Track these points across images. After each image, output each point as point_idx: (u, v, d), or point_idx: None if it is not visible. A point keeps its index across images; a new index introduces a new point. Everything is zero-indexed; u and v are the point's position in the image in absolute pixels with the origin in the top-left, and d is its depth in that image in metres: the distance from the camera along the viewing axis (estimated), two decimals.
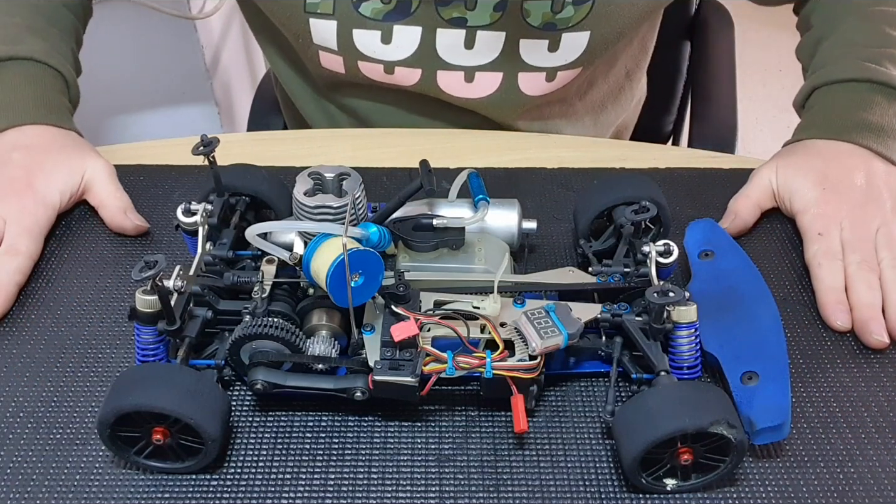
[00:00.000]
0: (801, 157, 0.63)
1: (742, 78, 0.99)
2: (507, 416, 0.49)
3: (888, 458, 0.47)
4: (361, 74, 0.75)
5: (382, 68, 0.74)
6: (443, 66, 0.73)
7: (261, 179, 0.57)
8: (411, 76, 0.74)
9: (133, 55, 1.28)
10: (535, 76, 0.74)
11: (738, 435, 0.42)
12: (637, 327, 0.48)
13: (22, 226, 0.58)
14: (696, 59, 1.02)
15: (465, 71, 0.73)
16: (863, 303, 0.54)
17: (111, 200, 0.61)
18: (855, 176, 0.60)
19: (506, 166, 0.69)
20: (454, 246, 0.52)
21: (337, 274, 0.44)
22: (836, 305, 0.55)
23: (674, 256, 0.51)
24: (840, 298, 0.55)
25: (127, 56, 1.28)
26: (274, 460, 0.47)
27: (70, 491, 0.45)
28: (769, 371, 0.48)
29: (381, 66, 0.74)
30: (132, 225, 0.61)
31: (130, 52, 1.27)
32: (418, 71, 0.74)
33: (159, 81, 1.32)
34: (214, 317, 0.49)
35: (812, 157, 0.62)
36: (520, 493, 0.45)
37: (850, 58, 0.66)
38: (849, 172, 0.60)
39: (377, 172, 0.68)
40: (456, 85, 0.74)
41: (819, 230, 0.58)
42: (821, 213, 0.59)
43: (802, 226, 0.60)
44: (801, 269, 0.59)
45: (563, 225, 0.63)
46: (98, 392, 0.50)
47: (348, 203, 0.47)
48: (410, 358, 0.45)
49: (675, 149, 1.02)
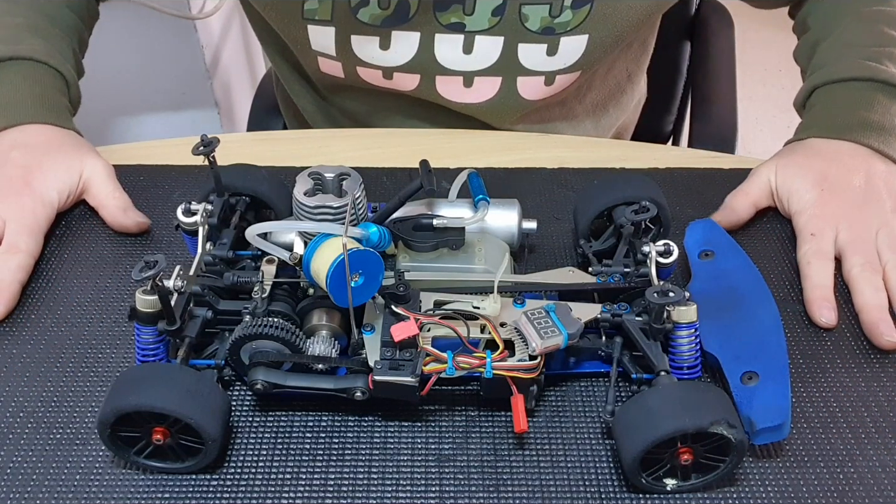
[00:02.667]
0: (801, 156, 0.63)
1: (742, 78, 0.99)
2: (507, 416, 0.49)
3: (888, 458, 0.47)
4: (361, 79, 0.75)
5: (381, 74, 0.74)
6: (441, 71, 0.73)
7: (261, 179, 0.57)
8: (410, 81, 0.74)
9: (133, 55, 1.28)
10: (534, 80, 0.74)
11: (738, 435, 0.42)
12: (637, 327, 0.48)
13: (22, 224, 0.58)
14: (696, 59, 1.02)
15: (464, 76, 0.73)
16: (870, 304, 0.54)
17: (110, 200, 0.61)
18: (854, 176, 0.60)
19: (506, 166, 0.69)
20: (454, 246, 0.52)
21: (337, 274, 0.44)
22: (822, 301, 0.55)
23: (674, 256, 0.51)
24: (826, 295, 0.55)
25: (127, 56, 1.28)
26: (274, 460, 0.47)
27: (70, 491, 0.45)
28: (769, 371, 0.48)
29: (379, 71, 0.74)
30: (133, 223, 0.61)
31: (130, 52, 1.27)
32: (417, 76, 0.74)
33: (159, 82, 1.32)
34: (214, 317, 0.49)
35: (812, 157, 0.62)
36: (520, 493, 0.45)
37: (849, 57, 0.66)
38: (848, 173, 0.60)
39: (377, 172, 0.68)
40: (455, 90, 0.74)
41: (812, 231, 0.58)
42: (817, 215, 0.59)
43: (798, 226, 0.60)
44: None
45: (563, 225, 0.63)
46: (98, 392, 0.50)
47: (348, 203, 0.47)
48: (410, 358, 0.45)
49: (675, 149, 1.02)
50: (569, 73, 0.74)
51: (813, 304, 0.55)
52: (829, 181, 0.60)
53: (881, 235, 0.57)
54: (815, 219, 0.59)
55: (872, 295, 0.54)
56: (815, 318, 0.55)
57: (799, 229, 0.59)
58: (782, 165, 0.63)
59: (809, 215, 0.59)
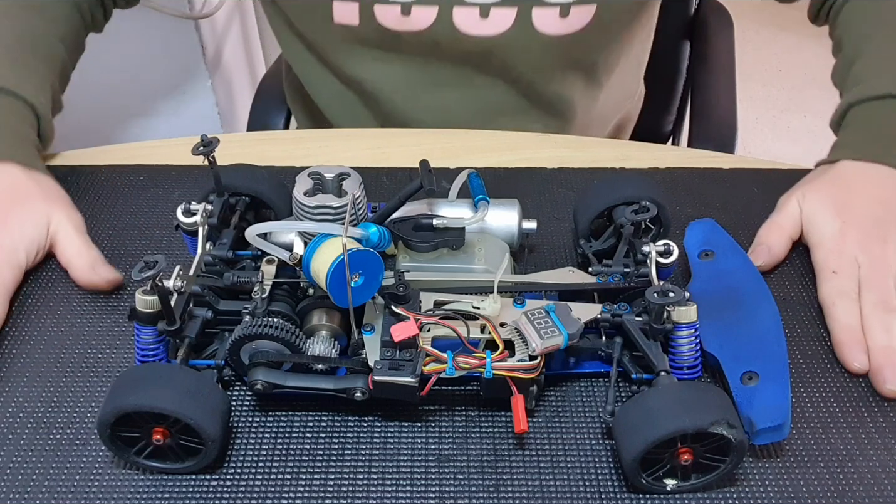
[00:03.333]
0: (827, 183, 0.60)
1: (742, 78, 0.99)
2: (507, 416, 0.49)
3: (888, 458, 0.47)
4: (376, 23, 0.74)
5: (399, 10, 0.73)
6: (458, 1, 0.73)
7: (261, 179, 0.57)
8: (427, 17, 0.73)
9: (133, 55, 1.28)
10: (549, 12, 0.73)
11: (738, 435, 0.42)
12: (637, 327, 0.48)
13: None
14: (696, 59, 1.02)
15: (480, 7, 0.73)
16: (878, 346, 0.51)
17: (77, 260, 0.57)
18: (878, 208, 0.57)
19: (506, 166, 0.70)
20: (454, 246, 0.52)
21: (337, 274, 0.44)
22: (854, 346, 0.52)
23: (674, 256, 0.51)
24: (857, 338, 0.52)
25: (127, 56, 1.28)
26: (274, 460, 0.47)
27: (70, 491, 0.45)
28: (769, 371, 0.48)
29: (398, 7, 0.73)
30: (103, 280, 0.56)
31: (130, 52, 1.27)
32: (435, 9, 0.73)
33: (159, 81, 1.32)
34: (214, 317, 0.49)
35: (837, 185, 0.59)
36: (520, 493, 0.45)
37: (886, 73, 0.63)
38: (872, 203, 0.57)
39: (377, 172, 0.68)
40: (471, 21, 0.74)
41: (833, 268, 0.55)
42: (835, 250, 0.56)
43: (817, 262, 0.57)
44: (802, 269, 0.59)
45: (563, 225, 0.63)
46: (98, 392, 0.50)
47: (348, 203, 0.47)
48: (410, 358, 0.45)
49: (675, 149, 1.02)
50: (583, 5, 0.73)
51: (844, 348, 0.52)
52: (850, 212, 0.57)
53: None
54: (835, 254, 0.56)
55: (881, 335, 0.52)
56: (846, 364, 0.52)
57: (819, 265, 0.56)
58: (809, 191, 0.59)
59: (829, 249, 0.56)
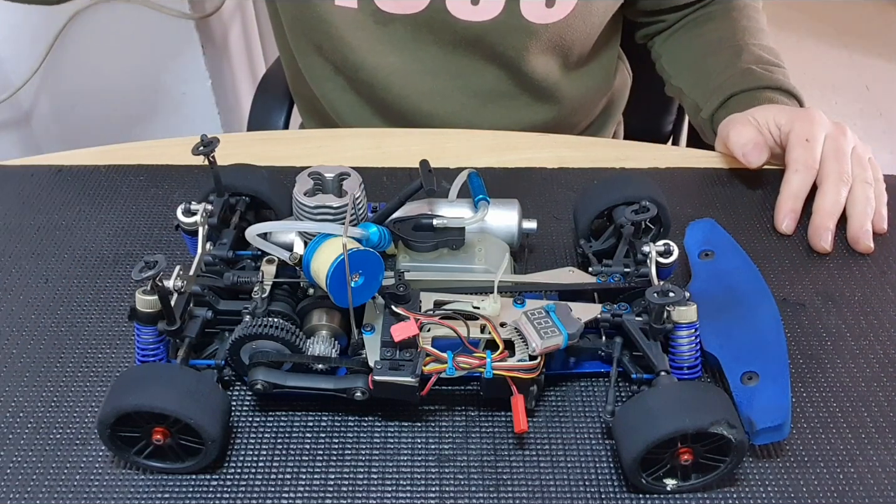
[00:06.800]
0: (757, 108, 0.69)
1: None
2: (507, 416, 0.49)
3: (888, 458, 0.47)
4: (374, 5, 0.75)
5: None
6: None
7: (261, 179, 0.57)
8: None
9: (133, 55, 1.28)
10: (536, 1, 0.75)
11: (738, 435, 0.42)
12: (637, 327, 0.48)
13: None
14: None
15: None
16: (826, 210, 0.61)
17: None
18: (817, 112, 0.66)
19: (506, 166, 0.70)
20: (454, 246, 0.52)
21: (337, 274, 0.44)
22: (790, 213, 0.62)
23: (674, 256, 0.51)
24: (795, 208, 0.63)
25: (127, 56, 1.28)
26: (274, 460, 0.47)
27: (70, 491, 0.45)
28: (769, 371, 0.48)
29: None
30: None
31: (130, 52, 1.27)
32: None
33: (159, 81, 1.33)
34: (214, 317, 0.49)
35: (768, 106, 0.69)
36: (520, 493, 0.45)
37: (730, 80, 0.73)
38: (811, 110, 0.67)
39: (377, 172, 0.68)
40: (462, 7, 0.75)
41: (807, 136, 0.63)
42: (809, 121, 0.64)
43: (792, 133, 0.64)
44: (802, 269, 0.59)
45: (563, 225, 0.63)
46: (98, 392, 0.50)
47: (348, 203, 0.47)
48: (410, 358, 0.45)
49: (675, 149, 1.01)
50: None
51: (781, 213, 0.62)
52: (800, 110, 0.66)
53: (854, 155, 0.64)
54: (809, 124, 0.64)
55: (832, 203, 0.61)
56: (777, 223, 0.62)
57: (794, 134, 0.64)
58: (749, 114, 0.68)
59: (803, 121, 0.64)
